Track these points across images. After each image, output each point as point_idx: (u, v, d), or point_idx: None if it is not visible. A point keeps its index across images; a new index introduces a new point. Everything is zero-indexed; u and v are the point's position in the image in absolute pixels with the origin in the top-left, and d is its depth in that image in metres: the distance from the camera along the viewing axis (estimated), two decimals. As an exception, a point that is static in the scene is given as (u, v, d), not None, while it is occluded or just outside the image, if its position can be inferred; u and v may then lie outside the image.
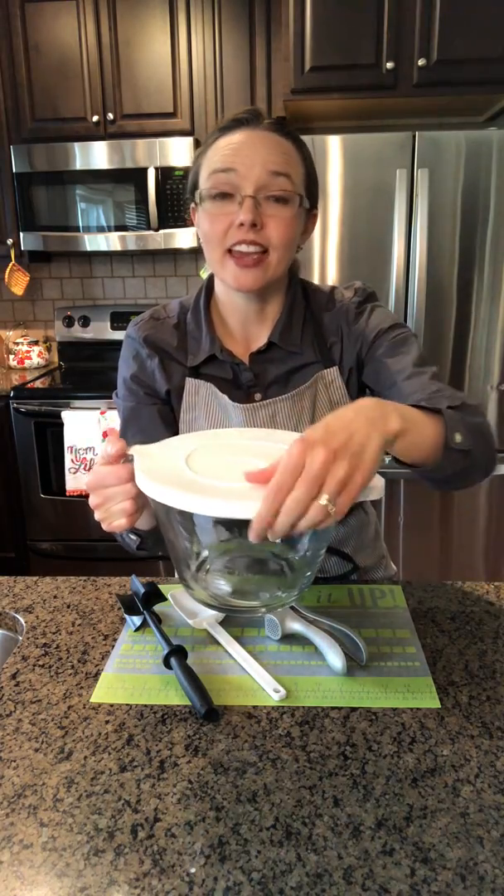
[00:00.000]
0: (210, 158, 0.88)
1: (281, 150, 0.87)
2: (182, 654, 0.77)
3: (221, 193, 0.86)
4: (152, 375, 1.00)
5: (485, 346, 2.28)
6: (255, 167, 0.85)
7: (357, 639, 0.78)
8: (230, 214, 0.86)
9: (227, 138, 0.87)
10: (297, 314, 0.98)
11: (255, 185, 0.85)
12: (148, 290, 2.99)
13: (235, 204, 0.86)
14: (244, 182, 0.85)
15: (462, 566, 2.49)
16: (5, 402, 2.48)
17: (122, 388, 1.03)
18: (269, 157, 0.85)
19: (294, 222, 0.88)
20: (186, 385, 0.98)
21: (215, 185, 0.87)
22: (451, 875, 0.52)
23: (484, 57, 2.17)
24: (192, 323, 1.00)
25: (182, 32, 2.44)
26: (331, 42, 2.19)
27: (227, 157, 0.86)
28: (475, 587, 0.96)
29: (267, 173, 0.85)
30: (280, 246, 0.88)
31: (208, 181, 0.88)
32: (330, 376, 0.98)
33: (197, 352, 0.98)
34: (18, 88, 2.54)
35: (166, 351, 0.99)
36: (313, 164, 0.93)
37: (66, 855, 0.55)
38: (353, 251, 2.23)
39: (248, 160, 0.85)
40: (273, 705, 0.72)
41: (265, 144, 0.86)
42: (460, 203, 2.15)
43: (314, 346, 0.98)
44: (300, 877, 0.52)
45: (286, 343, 0.97)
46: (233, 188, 0.86)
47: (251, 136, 0.86)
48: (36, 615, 0.91)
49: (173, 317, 1.01)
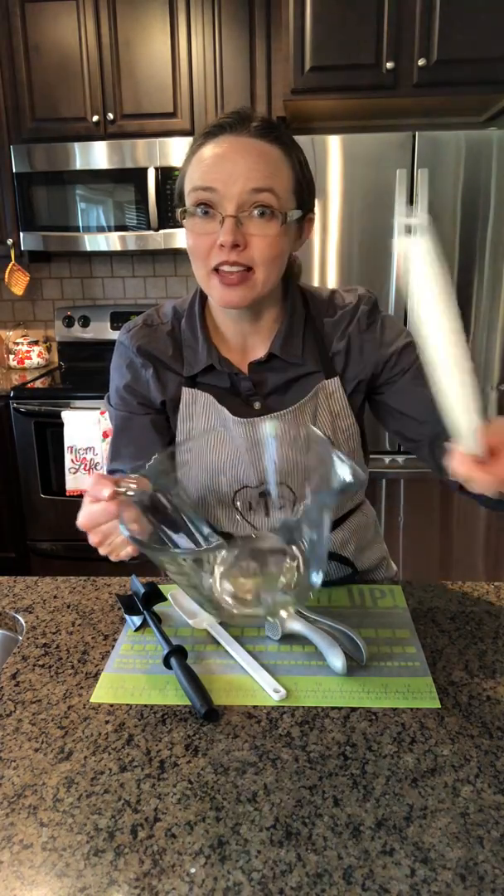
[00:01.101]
0: (192, 171, 0.84)
1: (265, 161, 0.82)
2: (182, 654, 0.77)
3: (203, 211, 0.83)
4: (146, 385, 0.97)
5: (485, 346, 2.27)
6: (236, 184, 0.80)
7: (357, 639, 0.78)
8: (212, 234, 0.83)
9: (209, 147, 0.83)
10: (298, 323, 0.95)
11: (235, 203, 0.81)
12: (148, 290, 2.99)
13: (216, 222, 0.82)
14: (224, 201, 0.81)
15: (462, 566, 2.49)
16: (5, 402, 2.48)
17: (114, 397, 1.01)
18: (251, 173, 0.80)
19: (279, 239, 0.84)
20: (183, 395, 0.96)
21: (196, 202, 0.83)
22: (451, 875, 0.52)
23: (484, 57, 2.17)
24: (187, 331, 0.96)
25: (182, 32, 2.44)
26: (331, 42, 2.19)
27: (207, 174, 0.82)
28: (475, 587, 0.96)
29: (248, 191, 0.80)
30: (264, 263, 0.84)
31: (190, 197, 0.84)
32: (331, 387, 0.95)
33: (194, 362, 0.95)
34: (18, 88, 2.54)
35: (161, 360, 0.96)
36: (307, 168, 0.89)
37: (66, 855, 0.55)
38: (353, 251, 2.23)
39: (228, 177, 0.80)
40: (273, 705, 0.72)
41: (247, 156, 0.81)
42: (460, 203, 2.15)
43: (315, 355, 0.95)
44: (300, 877, 0.52)
45: (287, 354, 0.94)
46: (214, 206, 0.82)
47: (233, 146, 0.82)
48: (36, 615, 0.91)
49: (167, 322, 0.98)
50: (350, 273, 2.25)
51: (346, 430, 0.97)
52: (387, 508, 2.42)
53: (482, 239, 2.18)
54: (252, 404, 0.95)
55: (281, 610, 0.78)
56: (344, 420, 0.97)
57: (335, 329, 0.96)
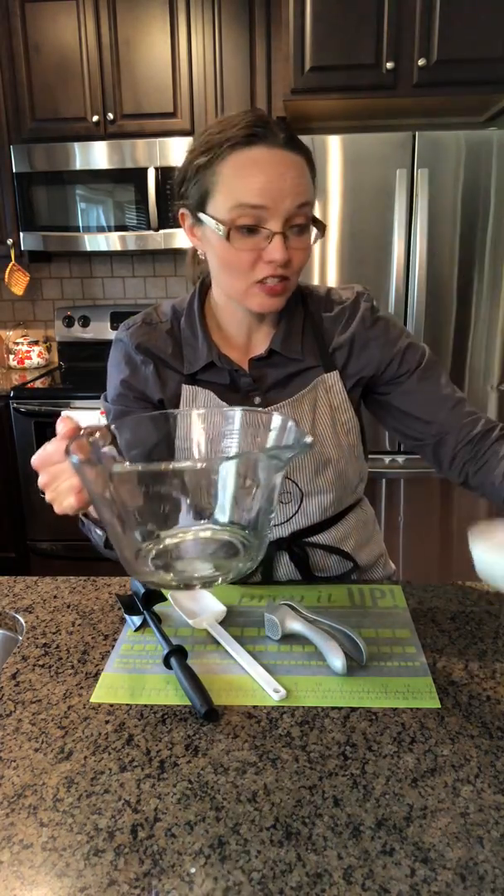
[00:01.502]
0: (228, 185, 0.82)
1: (301, 174, 0.84)
2: (182, 654, 0.77)
3: (249, 228, 0.83)
4: (145, 382, 0.98)
5: (485, 346, 2.27)
6: (286, 201, 0.81)
7: (357, 639, 0.78)
8: (258, 249, 0.84)
9: (243, 159, 0.82)
10: (297, 320, 0.97)
11: (283, 219, 0.82)
12: (148, 290, 2.99)
13: (262, 238, 0.83)
14: (273, 218, 0.82)
15: (462, 566, 2.49)
16: (5, 402, 2.48)
17: (111, 392, 1.01)
18: (297, 189, 0.82)
19: (310, 246, 0.88)
20: (183, 392, 0.96)
21: (242, 219, 0.82)
22: (451, 875, 0.52)
23: (484, 57, 2.17)
24: (186, 329, 0.97)
25: (182, 32, 2.44)
26: (331, 42, 2.19)
27: (254, 192, 0.81)
28: (475, 587, 0.96)
29: (296, 206, 0.82)
30: (298, 272, 0.88)
31: (231, 212, 0.82)
32: (330, 381, 0.97)
33: (193, 359, 0.96)
34: (18, 88, 2.54)
35: (161, 358, 0.97)
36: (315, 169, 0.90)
37: (66, 855, 0.55)
38: (353, 251, 2.23)
39: (279, 194, 0.81)
40: (273, 705, 0.72)
41: (290, 170, 0.82)
42: (460, 203, 2.15)
43: (314, 350, 0.97)
44: (300, 877, 0.52)
45: (288, 350, 0.95)
46: (261, 223, 0.82)
47: (272, 159, 0.82)
48: (36, 615, 0.91)
49: (166, 321, 0.99)
50: (350, 273, 2.25)
51: (345, 424, 0.98)
52: (387, 508, 2.42)
53: (482, 239, 2.18)
54: (252, 399, 0.97)
55: (198, 582, 0.70)
56: (343, 413, 0.98)
57: (334, 324, 0.98)
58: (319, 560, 1.03)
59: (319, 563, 1.04)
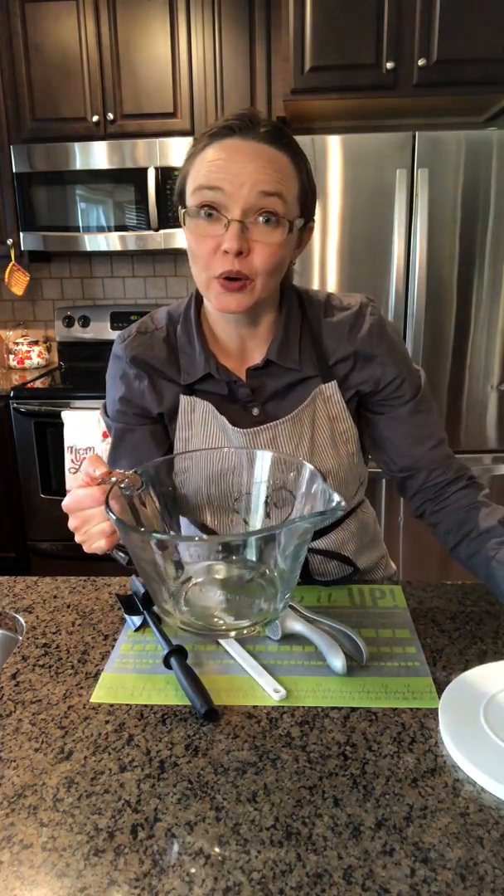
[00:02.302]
0: (197, 170, 0.81)
1: (274, 167, 0.79)
2: (182, 654, 0.77)
3: (207, 213, 0.80)
4: (141, 396, 0.95)
5: (485, 346, 2.27)
6: (244, 186, 0.78)
7: (357, 639, 0.78)
8: (216, 237, 0.80)
9: (216, 148, 0.80)
10: (294, 328, 0.93)
11: (242, 206, 0.78)
12: (148, 290, 2.99)
13: (221, 225, 0.79)
14: (231, 203, 0.78)
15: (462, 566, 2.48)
16: (5, 402, 2.48)
17: (111, 408, 0.99)
18: (259, 176, 0.78)
19: (282, 248, 0.82)
20: (181, 403, 0.94)
21: (200, 202, 0.80)
22: (451, 875, 0.52)
23: (484, 57, 2.17)
24: (182, 338, 0.94)
25: (182, 32, 2.44)
26: (331, 42, 2.19)
27: (214, 173, 0.79)
28: (475, 587, 0.96)
29: (256, 194, 0.78)
30: (265, 273, 0.82)
31: (193, 196, 0.81)
32: (328, 391, 0.94)
33: (191, 369, 0.93)
34: (18, 88, 2.54)
35: (157, 369, 0.95)
36: (311, 175, 0.86)
37: (66, 855, 0.55)
38: (353, 251, 2.23)
39: (236, 178, 0.78)
40: (273, 705, 0.72)
41: (256, 159, 0.78)
42: (460, 203, 2.15)
43: (312, 360, 0.94)
44: (300, 877, 0.52)
45: (284, 360, 0.92)
46: (219, 207, 0.79)
47: (242, 148, 0.79)
48: (36, 615, 0.91)
49: (161, 328, 0.96)
50: (350, 274, 2.25)
51: (344, 433, 0.96)
52: (387, 508, 2.42)
53: (482, 239, 2.18)
54: (251, 410, 0.94)
55: (242, 630, 0.75)
56: (342, 423, 0.96)
57: (335, 331, 0.94)
58: (319, 565, 1.03)
59: (319, 569, 1.03)
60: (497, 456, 2.38)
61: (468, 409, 2.33)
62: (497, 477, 2.39)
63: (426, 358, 2.28)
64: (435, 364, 2.29)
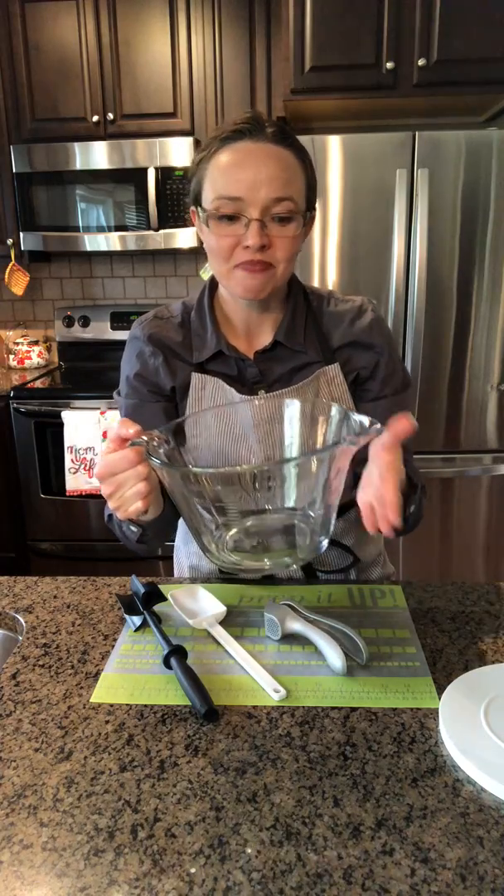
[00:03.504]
0: (213, 177, 0.88)
1: (284, 167, 0.87)
2: (182, 654, 0.77)
3: (228, 217, 0.88)
4: (156, 372, 1.00)
5: (485, 346, 2.27)
6: (261, 192, 0.85)
7: (357, 639, 0.78)
8: (237, 235, 0.88)
9: (228, 152, 0.87)
10: (300, 315, 1.00)
11: (260, 209, 0.86)
12: (148, 290, 2.99)
13: (241, 225, 0.87)
14: (249, 207, 0.86)
15: (462, 566, 2.49)
16: (5, 402, 2.48)
17: (124, 387, 1.04)
18: (273, 182, 0.86)
19: (297, 239, 0.90)
20: (193, 380, 1.00)
21: (220, 209, 0.87)
22: (451, 875, 0.52)
23: (484, 57, 2.17)
24: (196, 321, 1.01)
25: (182, 32, 2.44)
26: (331, 42, 2.19)
27: (231, 183, 0.86)
28: (475, 587, 0.96)
29: (271, 199, 0.86)
30: (285, 260, 0.90)
31: (213, 203, 0.88)
32: (331, 373, 1.00)
33: (202, 348, 0.99)
34: (18, 88, 2.54)
35: (171, 348, 1.00)
36: (314, 169, 0.94)
37: (66, 855, 0.55)
38: (353, 251, 2.23)
39: (252, 185, 0.85)
40: (273, 705, 0.72)
41: (269, 163, 0.86)
42: (460, 203, 2.15)
43: (316, 345, 1.00)
44: (300, 877, 0.52)
45: (291, 342, 0.99)
46: (238, 211, 0.87)
47: (254, 151, 0.86)
48: (36, 615, 0.91)
49: (177, 315, 1.03)
50: (350, 274, 2.25)
51: None
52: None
53: (482, 239, 2.18)
54: (257, 392, 1.00)
55: (286, 560, 0.78)
56: (345, 405, 1.00)
57: (337, 320, 1.01)
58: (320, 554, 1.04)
59: (320, 557, 1.05)
60: (497, 456, 2.38)
61: (468, 409, 2.33)
62: (497, 477, 2.39)
63: (426, 358, 2.28)
64: (435, 364, 2.29)
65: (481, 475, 2.39)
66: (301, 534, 0.78)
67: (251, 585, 0.98)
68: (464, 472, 2.38)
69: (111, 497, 0.76)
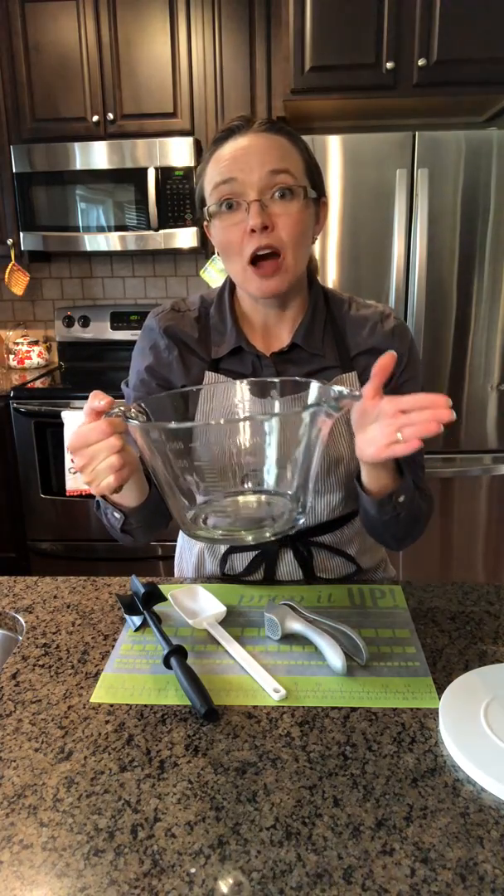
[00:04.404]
0: (210, 173, 0.90)
1: (276, 147, 0.88)
2: (182, 654, 0.77)
3: (228, 204, 0.88)
4: (169, 367, 1.00)
5: (485, 346, 2.27)
6: (254, 170, 0.86)
7: (357, 639, 0.78)
8: (241, 223, 0.87)
9: (221, 150, 0.89)
10: (319, 317, 0.99)
11: (257, 188, 0.86)
12: (148, 290, 2.99)
13: (243, 211, 0.87)
14: (246, 188, 0.86)
15: (462, 566, 2.49)
16: (5, 402, 2.48)
17: (134, 378, 1.03)
18: (265, 157, 0.86)
19: (303, 215, 0.89)
20: (206, 378, 0.99)
21: (219, 197, 0.88)
22: (451, 875, 0.52)
23: (484, 57, 2.17)
24: (215, 316, 1.01)
25: (182, 32, 2.44)
26: (331, 42, 2.19)
27: (225, 167, 0.87)
28: (475, 587, 0.96)
29: (266, 174, 0.86)
30: (292, 244, 0.88)
31: (212, 195, 0.89)
32: (349, 381, 0.98)
33: (221, 343, 0.98)
34: (18, 88, 2.54)
35: (186, 343, 1.00)
36: (312, 155, 0.94)
37: (66, 855, 0.55)
38: (353, 251, 2.23)
39: (245, 166, 0.86)
40: (273, 705, 0.72)
41: (259, 146, 0.87)
42: (460, 203, 2.15)
43: (334, 350, 0.99)
44: (300, 877, 0.52)
45: (309, 345, 0.97)
46: (237, 196, 0.87)
47: (244, 141, 0.88)
48: (36, 615, 0.91)
49: (194, 310, 1.02)
50: (350, 273, 2.25)
51: None
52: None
53: (482, 239, 2.18)
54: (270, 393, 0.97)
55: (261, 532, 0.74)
56: None
57: (358, 325, 0.99)
58: (323, 560, 1.03)
59: (323, 564, 1.03)
60: (497, 456, 2.39)
61: (468, 409, 2.33)
62: (497, 477, 2.39)
63: (426, 358, 2.28)
64: (435, 364, 2.29)
65: (481, 475, 2.39)
66: (277, 507, 0.75)
67: (251, 585, 0.98)
68: (464, 472, 2.38)
69: (84, 470, 0.74)
